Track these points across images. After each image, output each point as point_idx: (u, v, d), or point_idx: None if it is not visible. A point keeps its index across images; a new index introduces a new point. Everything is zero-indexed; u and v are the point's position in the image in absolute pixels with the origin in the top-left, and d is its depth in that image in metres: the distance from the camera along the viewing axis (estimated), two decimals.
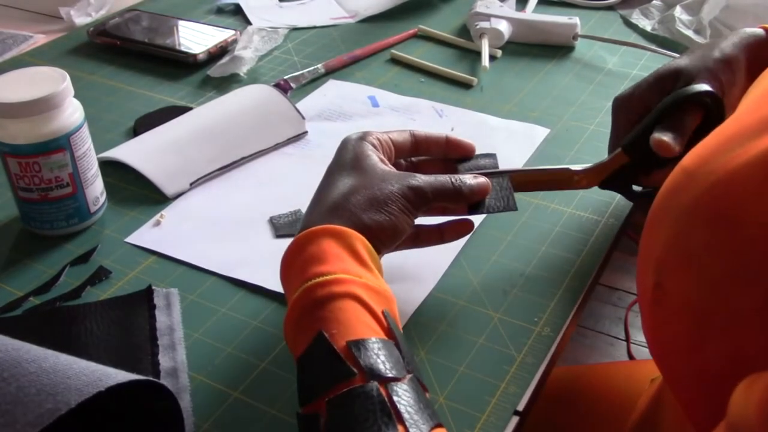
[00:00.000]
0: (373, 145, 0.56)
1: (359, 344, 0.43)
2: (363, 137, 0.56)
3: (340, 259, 0.48)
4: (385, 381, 0.42)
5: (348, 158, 0.55)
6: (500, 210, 0.58)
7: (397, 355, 0.44)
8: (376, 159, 0.55)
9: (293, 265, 0.49)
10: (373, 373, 0.42)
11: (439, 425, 0.42)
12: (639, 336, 1.66)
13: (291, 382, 0.53)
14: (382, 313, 0.47)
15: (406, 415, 0.41)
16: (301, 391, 0.44)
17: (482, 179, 0.57)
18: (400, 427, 0.40)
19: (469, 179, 0.56)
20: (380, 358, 0.43)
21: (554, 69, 0.94)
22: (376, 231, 0.51)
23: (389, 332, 0.46)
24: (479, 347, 0.56)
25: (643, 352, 1.62)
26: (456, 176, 0.56)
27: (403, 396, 0.42)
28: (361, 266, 0.49)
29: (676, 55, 0.95)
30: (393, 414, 0.41)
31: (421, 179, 0.54)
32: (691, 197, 0.40)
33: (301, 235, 0.50)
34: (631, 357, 1.61)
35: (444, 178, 0.55)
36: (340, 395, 0.41)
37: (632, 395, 0.72)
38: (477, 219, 0.69)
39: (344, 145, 0.57)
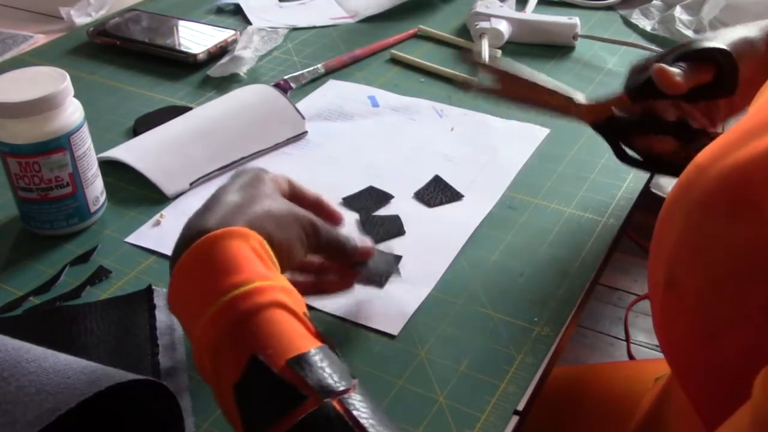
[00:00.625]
0: (271, 179, 0.52)
1: (301, 361, 0.40)
2: (261, 170, 0.52)
3: (253, 263, 0.44)
4: (338, 395, 0.39)
5: (244, 181, 0.50)
6: (379, 278, 0.59)
7: (337, 360, 0.41)
8: (273, 187, 0.51)
9: (196, 277, 0.44)
10: (324, 390, 0.39)
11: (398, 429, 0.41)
12: (639, 336, 1.66)
13: None
14: (305, 315, 0.43)
15: (371, 430, 0.38)
16: (244, 424, 0.40)
17: (368, 244, 0.56)
18: None
19: (356, 241, 0.55)
20: (326, 371, 0.40)
21: (554, 69, 0.94)
22: (271, 243, 0.47)
23: (318, 336, 0.43)
24: (479, 347, 0.56)
25: (643, 352, 1.62)
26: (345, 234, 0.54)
27: (362, 408, 0.39)
28: (270, 268, 0.45)
29: None
30: (357, 431, 0.38)
31: (319, 219, 0.52)
32: (702, 190, 0.40)
33: (200, 241, 0.44)
34: (631, 357, 1.61)
35: (335, 231, 0.53)
36: (297, 425, 0.38)
37: (634, 395, 0.72)
38: (476, 219, 0.69)
39: (239, 173, 0.52)
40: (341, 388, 0.39)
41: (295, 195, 0.54)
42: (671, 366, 0.44)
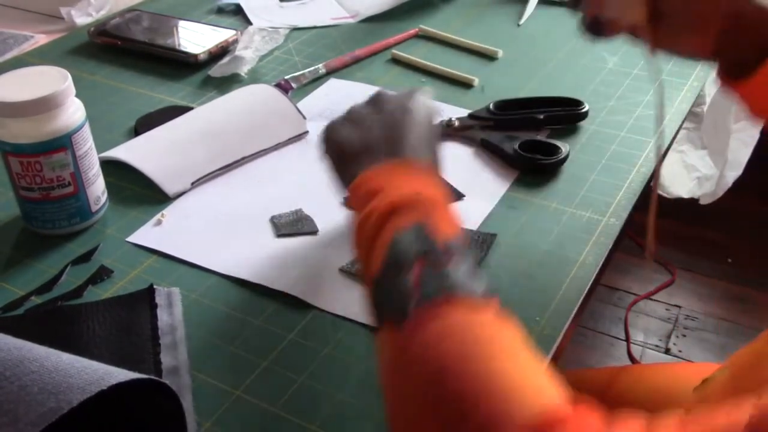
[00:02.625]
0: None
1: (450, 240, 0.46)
2: (430, 109, 0.59)
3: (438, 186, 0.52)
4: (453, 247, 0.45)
5: (423, 119, 0.58)
6: None
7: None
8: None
9: (388, 176, 0.51)
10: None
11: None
12: (639, 336, 1.66)
13: (292, 380, 0.54)
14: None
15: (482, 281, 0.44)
16: (388, 258, 0.46)
17: None
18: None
19: None
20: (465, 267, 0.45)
21: (555, 69, 0.94)
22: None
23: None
24: None
25: (642, 352, 1.62)
26: None
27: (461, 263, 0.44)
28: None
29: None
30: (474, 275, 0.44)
31: None
32: None
33: (401, 162, 0.53)
34: (631, 357, 1.61)
35: None
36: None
37: (640, 400, 0.72)
38: (477, 219, 0.69)
39: (418, 107, 0.58)
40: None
41: None
42: None
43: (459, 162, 0.76)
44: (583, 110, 0.82)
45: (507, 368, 0.39)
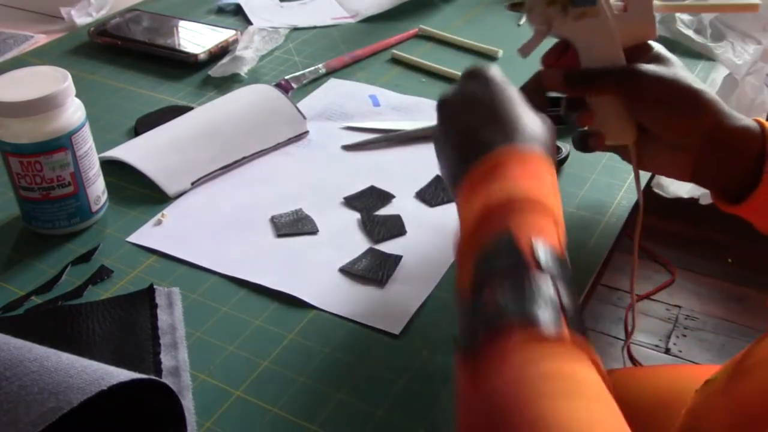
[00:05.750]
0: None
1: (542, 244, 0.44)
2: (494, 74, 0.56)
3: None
4: (553, 278, 0.42)
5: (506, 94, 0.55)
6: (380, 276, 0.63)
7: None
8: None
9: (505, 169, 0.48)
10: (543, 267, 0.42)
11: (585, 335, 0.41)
12: (639, 336, 1.66)
13: (292, 380, 0.54)
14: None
15: (568, 310, 0.40)
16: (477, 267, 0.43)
17: None
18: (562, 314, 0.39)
19: None
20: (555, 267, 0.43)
21: None
22: None
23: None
24: None
25: (642, 352, 1.62)
26: None
27: (565, 295, 0.41)
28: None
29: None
30: (558, 301, 0.40)
31: None
32: None
33: (522, 152, 0.49)
34: (631, 357, 1.61)
35: None
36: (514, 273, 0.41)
37: (638, 402, 0.71)
38: None
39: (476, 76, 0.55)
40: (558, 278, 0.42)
41: None
42: None
43: None
44: None
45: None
